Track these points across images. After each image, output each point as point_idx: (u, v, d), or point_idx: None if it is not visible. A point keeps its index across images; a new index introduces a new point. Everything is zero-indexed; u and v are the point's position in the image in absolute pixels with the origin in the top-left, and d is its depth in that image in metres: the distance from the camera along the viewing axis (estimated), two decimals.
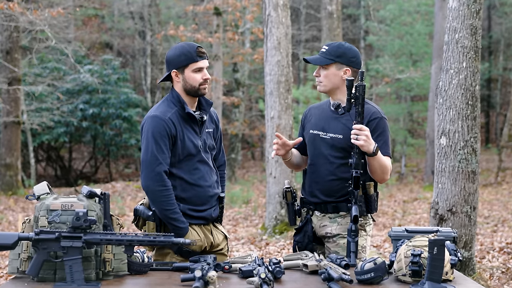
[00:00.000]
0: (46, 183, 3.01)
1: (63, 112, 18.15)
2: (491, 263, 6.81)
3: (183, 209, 3.35)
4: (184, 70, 3.33)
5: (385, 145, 3.39)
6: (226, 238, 3.59)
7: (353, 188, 3.26)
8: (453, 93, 5.32)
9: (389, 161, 3.37)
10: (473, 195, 5.39)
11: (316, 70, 3.49)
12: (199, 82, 3.34)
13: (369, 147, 3.21)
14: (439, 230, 3.09)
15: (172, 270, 3.09)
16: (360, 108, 3.22)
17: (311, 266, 3.00)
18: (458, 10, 5.30)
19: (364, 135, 3.19)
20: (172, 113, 3.33)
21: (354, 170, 3.25)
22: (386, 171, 3.33)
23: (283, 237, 8.59)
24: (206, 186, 3.41)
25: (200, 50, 3.33)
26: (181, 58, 3.32)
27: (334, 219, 3.46)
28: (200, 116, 3.41)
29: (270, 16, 8.72)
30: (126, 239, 2.82)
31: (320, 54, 3.48)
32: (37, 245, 2.80)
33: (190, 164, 3.37)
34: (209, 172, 3.44)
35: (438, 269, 2.68)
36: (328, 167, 3.44)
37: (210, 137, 3.51)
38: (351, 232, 3.27)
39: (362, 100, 3.22)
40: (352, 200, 3.29)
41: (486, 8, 24.59)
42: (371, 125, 3.36)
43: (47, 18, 13.41)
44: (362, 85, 3.22)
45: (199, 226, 3.43)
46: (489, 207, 11.80)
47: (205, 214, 3.42)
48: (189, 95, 3.39)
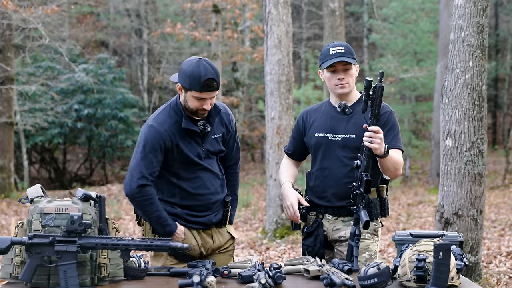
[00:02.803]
0: (39, 186, 3.01)
1: (57, 112, 18.15)
2: (498, 268, 6.80)
3: (180, 213, 3.37)
4: (187, 91, 3.27)
5: (395, 138, 3.41)
6: (233, 238, 3.58)
7: (364, 192, 3.25)
8: (459, 93, 5.33)
9: (400, 155, 3.40)
10: (480, 198, 5.39)
11: (342, 72, 3.45)
12: (197, 108, 3.28)
13: (381, 150, 3.22)
14: (445, 234, 3.09)
15: (170, 276, 3.09)
16: (376, 110, 3.20)
17: (313, 271, 3.00)
18: (464, 7, 5.30)
19: (379, 138, 3.20)
20: (171, 124, 3.32)
21: (364, 173, 3.24)
22: (398, 167, 3.35)
23: (284, 242, 8.58)
24: (207, 194, 3.41)
25: (209, 84, 3.19)
26: (187, 80, 3.24)
27: (348, 222, 3.46)
28: (202, 127, 3.36)
29: (271, 13, 8.73)
30: (122, 243, 2.82)
31: (340, 56, 3.43)
32: (31, 250, 2.80)
33: (190, 173, 3.37)
34: (211, 178, 3.43)
35: (443, 275, 2.68)
36: (342, 170, 3.43)
37: (217, 143, 3.47)
38: (355, 236, 3.28)
39: (379, 102, 3.21)
40: (361, 205, 3.28)
41: (493, 6, 24.60)
42: (381, 119, 3.37)
43: (41, 15, 13.42)
44: (381, 86, 3.20)
45: (198, 230, 3.43)
46: (496, 211, 11.79)
47: (203, 220, 3.42)
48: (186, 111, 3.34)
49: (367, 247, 3.42)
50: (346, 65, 3.44)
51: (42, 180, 20.45)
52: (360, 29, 26.47)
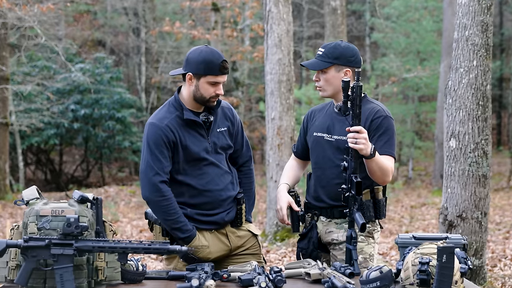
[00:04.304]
0: (35, 188, 3.01)
1: (53, 113, 18.15)
2: (503, 271, 6.81)
3: (190, 214, 3.35)
4: (200, 78, 3.29)
5: (387, 144, 3.38)
6: (255, 236, 3.54)
7: (356, 194, 3.25)
8: (463, 93, 5.33)
9: (390, 161, 3.35)
10: (484, 200, 5.39)
11: (315, 75, 3.50)
12: (210, 95, 3.31)
13: (367, 150, 3.20)
14: (448, 237, 3.10)
15: (168, 279, 3.09)
16: (357, 109, 3.20)
17: (314, 275, 3.00)
18: (468, 5, 5.31)
19: (363, 138, 3.19)
20: (171, 118, 3.32)
21: (353, 175, 3.24)
22: (386, 172, 3.32)
23: (284, 244, 8.59)
24: (217, 190, 3.39)
25: (224, 66, 3.28)
26: (201, 66, 3.27)
27: (340, 225, 3.47)
28: (205, 118, 3.38)
29: (271, 12, 8.73)
30: (120, 246, 2.82)
31: (317, 58, 3.48)
32: (26, 253, 2.80)
33: (197, 169, 3.36)
34: (220, 174, 3.41)
35: (447, 278, 2.68)
36: (334, 171, 3.44)
37: (224, 137, 3.46)
38: (352, 239, 3.28)
39: (359, 101, 3.21)
40: (354, 207, 3.28)
41: (497, 4, 24.60)
42: (374, 124, 3.37)
43: (36, 14, 13.43)
44: (359, 85, 3.20)
45: (211, 231, 3.41)
46: (501, 213, 11.79)
47: (215, 219, 3.40)
48: (196, 102, 3.35)
49: (361, 249, 3.41)
50: (323, 69, 3.45)
51: (38, 181, 20.45)
52: (362, 28, 26.47)
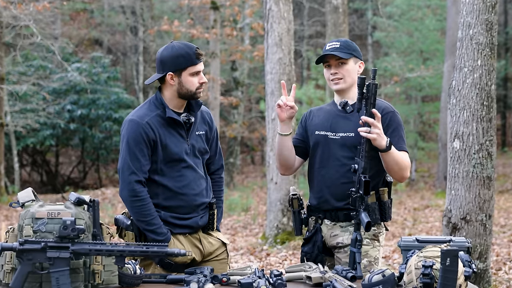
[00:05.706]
0: (31, 190, 3.01)
1: (49, 113, 18.15)
2: (507, 275, 6.81)
3: (164, 216, 3.35)
4: (182, 73, 3.31)
5: (400, 140, 3.41)
6: (225, 245, 3.56)
7: (364, 193, 3.25)
8: (467, 93, 5.33)
9: (406, 156, 3.38)
10: (489, 202, 5.39)
11: (334, 67, 3.48)
12: (196, 86, 3.33)
13: (382, 142, 3.22)
14: (452, 239, 3.09)
15: (166, 283, 3.08)
16: (371, 108, 3.23)
17: (315, 278, 3.00)
18: (473, 4, 5.30)
19: (377, 127, 3.20)
20: (152, 116, 3.32)
21: (362, 175, 3.24)
22: (404, 167, 3.33)
23: (285, 247, 8.58)
24: (192, 195, 3.39)
25: (198, 52, 3.32)
26: (179, 60, 3.29)
27: (345, 228, 3.46)
28: (186, 119, 3.38)
29: (271, 10, 8.73)
30: (117, 249, 2.81)
31: (333, 50, 3.46)
32: (22, 256, 2.80)
33: (175, 171, 3.36)
34: (196, 179, 3.41)
35: (451, 282, 2.68)
36: (339, 169, 3.43)
37: (202, 140, 3.47)
38: (356, 242, 3.27)
39: (374, 100, 3.22)
40: (361, 207, 3.27)
41: (502, 2, 24.60)
42: (384, 120, 3.37)
43: (32, 12, 13.44)
44: (375, 83, 3.22)
45: (184, 235, 3.42)
46: (506, 215, 11.79)
47: (189, 222, 3.40)
48: (183, 98, 3.37)
49: (365, 253, 3.41)
50: (340, 59, 3.45)
51: (34, 183, 20.45)
52: (364, 27, 26.47)
